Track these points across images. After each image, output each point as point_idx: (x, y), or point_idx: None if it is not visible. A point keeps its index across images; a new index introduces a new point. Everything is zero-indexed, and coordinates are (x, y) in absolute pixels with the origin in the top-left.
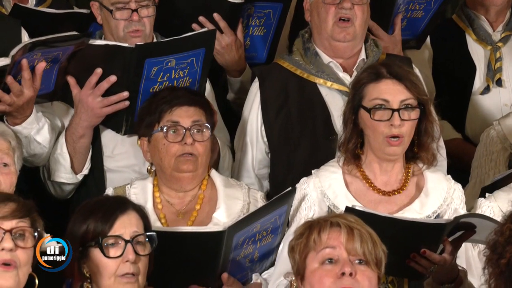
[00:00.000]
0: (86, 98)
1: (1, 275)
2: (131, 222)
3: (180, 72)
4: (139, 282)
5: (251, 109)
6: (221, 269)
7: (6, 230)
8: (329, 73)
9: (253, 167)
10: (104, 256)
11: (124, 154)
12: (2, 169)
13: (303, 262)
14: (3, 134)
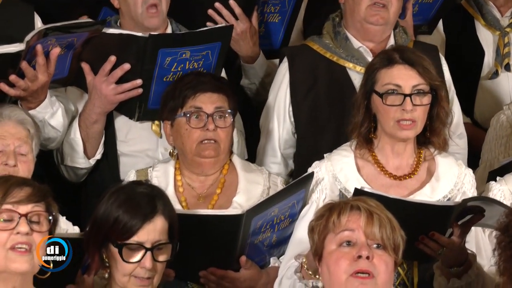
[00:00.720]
0: (100, 85)
1: (18, 259)
2: (156, 229)
3: (194, 64)
4: (153, 283)
5: (279, 88)
6: (240, 252)
7: (21, 215)
8: (359, 58)
9: (279, 147)
10: (123, 261)
11: (137, 138)
12: (20, 158)
13: (321, 243)
14: (22, 122)
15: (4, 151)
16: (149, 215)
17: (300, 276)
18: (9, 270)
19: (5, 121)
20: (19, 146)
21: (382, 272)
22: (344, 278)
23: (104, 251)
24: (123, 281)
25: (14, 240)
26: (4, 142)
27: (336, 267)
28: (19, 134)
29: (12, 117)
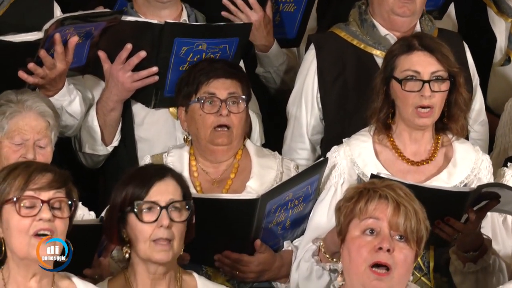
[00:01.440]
0: (116, 72)
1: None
2: (168, 189)
3: (211, 56)
4: (173, 248)
5: (307, 75)
6: (254, 236)
7: (43, 201)
8: (386, 45)
9: (307, 133)
10: (139, 221)
11: (154, 123)
12: (38, 150)
13: (346, 226)
14: (43, 114)
15: (24, 144)
16: (159, 175)
17: (318, 260)
18: (31, 257)
19: (26, 113)
20: (38, 140)
21: (400, 265)
22: (363, 269)
23: (123, 230)
24: (144, 249)
25: (36, 227)
26: (24, 137)
27: (357, 255)
28: (39, 126)
29: (34, 109)
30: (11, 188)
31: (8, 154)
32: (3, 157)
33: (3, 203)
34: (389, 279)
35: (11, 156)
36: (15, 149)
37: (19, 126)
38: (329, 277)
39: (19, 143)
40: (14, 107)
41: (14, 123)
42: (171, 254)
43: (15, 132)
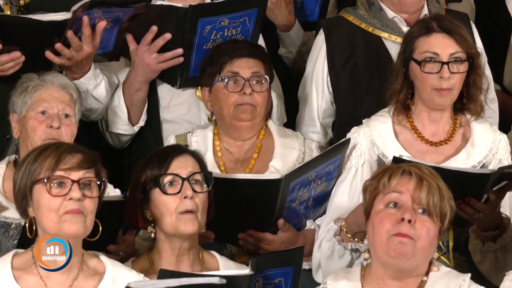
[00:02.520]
0: (142, 54)
1: (71, 221)
2: (187, 163)
3: (233, 30)
4: (198, 219)
5: (317, 59)
6: (277, 215)
7: (74, 181)
8: (393, 28)
9: (318, 116)
10: (163, 193)
11: (180, 105)
12: (63, 120)
13: (371, 203)
14: (65, 86)
15: (48, 113)
16: (177, 151)
17: (339, 239)
18: (62, 234)
19: (49, 86)
20: (62, 109)
21: (423, 237)
22: (385, 238)
23: (146, 210)
24: (171, 222)
25: (67, 206)
26: (48, 105)
27: (380, 226)
28: (63, 98)
29: (55, 82)
30: (42, 168)
31: (34, 126)
32: (30, 129)
33: (34, 183)
34: (412, 244)
35: (37, 127)
36: (40, 120)
37: (42, 97)
38: (351, 257)
39: (43, 111)
40: (37, 81)
41: (37, 95)
42: (197, 225)
43: (38, 102)
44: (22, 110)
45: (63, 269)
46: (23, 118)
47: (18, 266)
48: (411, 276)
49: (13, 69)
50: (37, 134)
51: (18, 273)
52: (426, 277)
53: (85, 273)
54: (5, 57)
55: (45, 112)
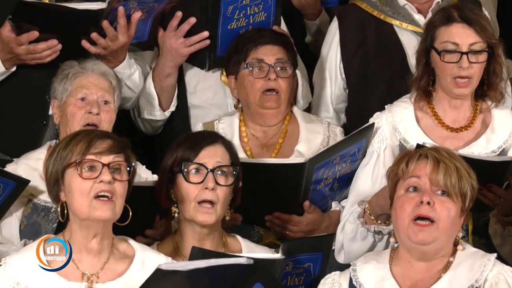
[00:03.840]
0: (169, 39)
1: (101, 207)
2: (217, 153)
3: (255, 8)
4: (217, 211)
5: (330, 46)
6: (303, 198)
7: (104, 164)
8: (404, 15)
9: (332, 102)
10: (185, 181)
11: (206, 90)
12: (103, 106)
13: (393, 188)
14: (104, 74)
15: (88, 100)
16: (209, 140)
17: (363, 222)
18: (92, 218)
19: (88, 73)
20: (102, 96)
21: (443, 218)
22: (407, 223)
23: (171, 191)
24: (189, 210)
25: (97, 189)
26: (88, 92)
27: (401, 210)
28: (102, 85)
29: (95, 70)
30: (73, 153)
31: (74, 112)
32: (69, 115)
33: (66, 167)
34: (433, 230)
35: (76, 113)
36: (80, 106)
37: (82, 84)
38: (373, 239)
39: (82, 98)
40: (77, 68)
41: (77, 82)
42: (214, 217)
43: (78, 89)
44: (62, 97)
45: (94, 253)
46: (63, 104)
47: None
48: (437, 257)
49: (50, 57)
50: (76, 119)
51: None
52: (452, 257)
53: (116, 256)
54: (42, 45)
55: (85, 99)
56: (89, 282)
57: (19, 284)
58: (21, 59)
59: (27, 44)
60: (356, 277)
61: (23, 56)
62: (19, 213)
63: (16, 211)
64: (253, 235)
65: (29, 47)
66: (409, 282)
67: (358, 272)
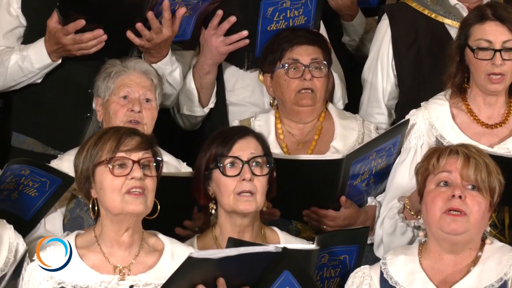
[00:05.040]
0: (210, 38)
1: (133, 201)
2: (249, 145)
3: (295, 11)
4: (257, 200)
5: (382, 44)
6: (340, 193)
7: (134, 161)
8: (455, 14)
9: (383, 98)
10: (223, 175)
11: (244, 88)
12: (144, 104)
13: (423, 183)
14: (146, 72)
15: (130, 98)
16: (241, 133)
17: (403, 217)
18: (125, 212)
19: (130, 72)
20: (143, 94)
21: (474, 211)
22: (438, 215)
23: (208, 187)
24: (229, 202)
25: (129, 185)
26: (130, 90)
27: (432, 204)
28: (144, 83)
29: (137, 68)
30: (103, 151)
31: (116, 109)
32: (112, 113)
33: (96, 165)
34: (465, 220)
35: (119, 110)
36: (122, 104)
37: (125, 82)
38: (412, 234)
39: (125, 96)
40: (119, 67)
41: (119, 81)
42: (255, 205)
43: (120, 87)
44: (105, 95)
45: (125, 246)
46: (106, 102)
47: (82, 245)
48: (466, 249)
49: (96, 48)
50: (118, 117)
51: (82, 251)
52: (480, 251)
53: (146, 250)
54: (88, 35)
55: (127, 97)
56: (121, 274)
57: (52, 278)
58: (67, 50)
59: (74, 34)
60: (387, 271)
61: (69, 46)
62: (62, 207)
63: (59, 205)
64: (290, 230)
65: (75, 37)
66: (438, 275)
67: (389, 265)
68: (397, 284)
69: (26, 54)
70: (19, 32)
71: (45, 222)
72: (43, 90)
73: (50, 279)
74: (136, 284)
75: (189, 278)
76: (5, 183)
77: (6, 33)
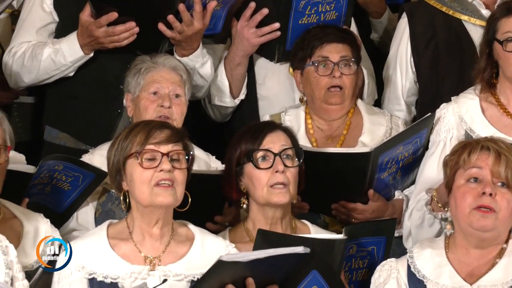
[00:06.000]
0: (242, 29)
1: (162, 193)
2: (279, 138)
3: (326, 6)
4: (290, 191)
5: (400, 41)
6: (368, 186)
7: (163, 154)
8: (473, 11)
9: (403, 95)
10: (255, 168)
11: (274, 83)
12: (174, 100)
13: (452, 177)
14: (175, 68)
15: (160, 94)
16: (270, 127)
17: (430, 209)
18: (154, 204)
19: (160, 68)
20: (173, 90)
21: (503, 208)
22: (468, 211)
23: (240, 183)
24: (262, 194)
25: (158, 177)
26: (160, 86)
27: (462, 200)
28: (173, 79)
29: (166, 64)
30: (133, 144)
31: (146, 105)
32: (142, 108)
33: (127, 158)
34: (494, 217)
35: (149, 106)
36: (152, 99)
37: (154, 78)
38: (440, 226)
39: (154, 92)
40: (149, 63)
41: (149, 77)
42: (288, 196)
43: (150, 83)
44: (135, 91)
45: (156, 237)
46: (136, 98)
47: (113, 235)
48: (492, 244)
49: (128, 40)
50: (149, 113)
51: (113, 241)
52: (505, 244)
53: (176, 240)
54: (120, 27)
55: (157, 93)
56: (152, 265)
57: (84, 268)
58: (100, 42)
59: (106, 27)
60: (414, 264)
61: (101, 39)
62: (94, 201)
63: (91, 199)
64: (319, 223)
65: (107, 29)
66: (465, 269)
67: (416, 259)
68: (424, 278)
69: (58, 48)
70: (52, 28)
71: (77, 215)
72: (76, 86)
73: (82, 269)
74: (166, 275)
75: (219, 279)
76: (38, 178)
77: (39, 29)
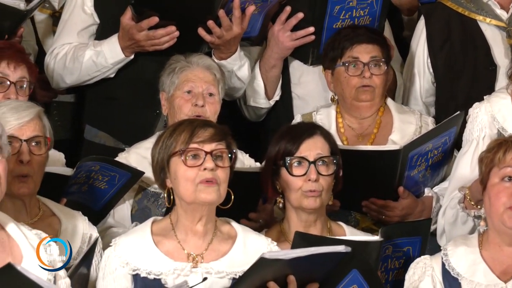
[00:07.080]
0: (277, 33)
1: (206, 190)
2: (317, 145)
3: (360, 11)
4: (322, 197)
5: (418, 43)
6: (398, 184)
7: (207, 152)
8: (487, 11)
9: (421, 95)
10: (289, 174)
11: (309, 82)
12: (208, 98)
13: (487, 174)
14: (209, 67)
15: (194, 93)
16: (309, 132)
17: (463, 206)
18: (198, 201)
19: (194, 67)
20: (207, 89)
21: None
22: (502, 210)
23: (276, 182)
24: (295, 198)
25: (201, 176)
26: (194, 85)
27: (496, 199)
28: (207, 78)
29: (200, 64)
30: (178, 142)
31: (181, 104)
32: (177, 107)
33: (171, 155)
34: None
35: (183, 105)
36: (186, 98)
37: (188, 78)
38: (473, 223)
39: (188, 90)
40: (183, 62)
41: (183, 76)
42: (319, 202)
43: (184, 82)
44: (170, 89)
45: (199, 235)
46: (171, 96)
47: (157, 232)
48: None
49: (168, 44)
50: (183, 111)
51: (157, 238)
52: None
53: (219, 237)
54: (161, 31)
55: (191, 92)
56: (194, 262)
57: (128, 264)
58: (140, 46)
59: (147, 30)
60: (448, 262)
61: (142, 42)
62: (131, 199)
63: (128, 197)
64: (350, 220)
65: (148, 33)
66: (499, 267)
67: (450, 256)
68: (459, 275)
69: (100, 50)
70: (92, 30)
71: (114, 212)
72: (115, 86)
73: (126, 266)
74: (208, 272)
75: (261, 276)
76: (76, 178)
77: (80, 31)
